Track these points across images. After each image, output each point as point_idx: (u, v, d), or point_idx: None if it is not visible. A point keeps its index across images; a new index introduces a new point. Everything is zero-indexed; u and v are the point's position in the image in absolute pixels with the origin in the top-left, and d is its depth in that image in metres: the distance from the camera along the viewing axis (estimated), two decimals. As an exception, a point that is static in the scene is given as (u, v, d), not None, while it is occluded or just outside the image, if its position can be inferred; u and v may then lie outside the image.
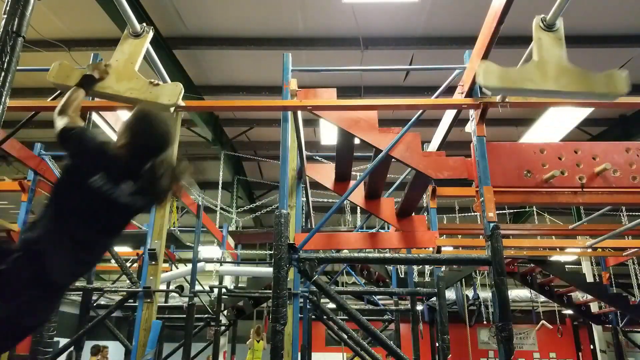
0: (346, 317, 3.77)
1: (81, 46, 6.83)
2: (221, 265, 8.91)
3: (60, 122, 1.96)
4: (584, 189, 3.17)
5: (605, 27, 6.67)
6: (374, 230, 5.77)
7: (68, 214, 1.80)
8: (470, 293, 11.31)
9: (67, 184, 1.87)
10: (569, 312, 13.29)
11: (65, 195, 1.84)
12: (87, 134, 1.91)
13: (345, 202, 6.83)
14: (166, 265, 8.99)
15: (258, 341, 9.85)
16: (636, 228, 5.26)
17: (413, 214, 4.21)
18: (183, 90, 2.48)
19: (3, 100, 1.56)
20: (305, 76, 7.82)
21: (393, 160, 3.50)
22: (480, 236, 6.34)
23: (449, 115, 3.66)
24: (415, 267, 8.32)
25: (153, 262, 4.10)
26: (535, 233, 6.93)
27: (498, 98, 3.08)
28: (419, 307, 7.85)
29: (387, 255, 3.54)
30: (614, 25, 6.65)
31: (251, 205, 11.54)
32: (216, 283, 8.66)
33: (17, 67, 1.67)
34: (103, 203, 1.80)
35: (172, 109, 2.48)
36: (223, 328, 9.50)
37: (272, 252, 3.55)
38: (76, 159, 1.86)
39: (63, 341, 6.06)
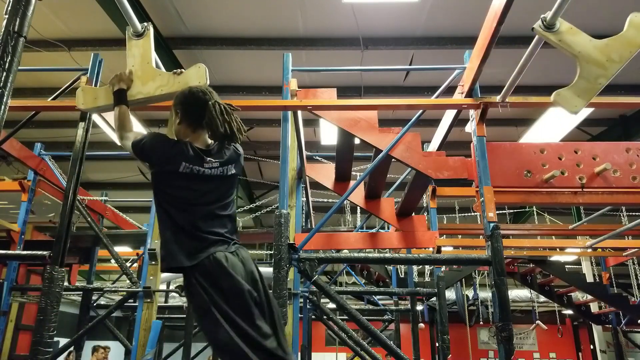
0: (346, 317, 3.77)
1: (81, 46, 6.82)
2: (221, 265, 8.91)
3: (127, 143, 2.16)
4: (584, 189, 3.17)
5: (605, 27, 6.67)
6: (374, 230, 5.77)
7: (183, 207, 1.99)
8: (470, 293, 11.31)
9: (165, 187, 2.02)
10: (569, 312, 13.29)
11: (170, 195, 2.01)
12: (152, 140, 2.07)
13: (345, 202, 6.83)
14: (166, 265, 8.97)
15: None
16: (636, 228, 5.26)
17: (413, 214, 4.21)
18: (207, 68, 2.51)
19: (4, 100, 1.56)
20: (305, 76, 7.83)
21: (393, 160, 3.51)
22: (480, 236, 6.34)
23: (449, 115, 3.67)
24: (415, 267, 8.32)
25: (153, 262, 4.11)
26: (535, 233, 6.93)
27: (498, 98, 3.08)
28: (419, 307, 7.85)
29: (387, 255, 3.54)
30: (614, 25, 6.64)
31: (251, 205, 11.54)
32: (216, 283, 8.65)
33: (18, 67, 1.67)
34: (202, 182, 2.00)
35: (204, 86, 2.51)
36: (223, 328, 9.49)
37: (272, 252, 3.55)
38: (157, 165, 2.03)
39: (63, 341, 6.06)
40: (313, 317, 6.62)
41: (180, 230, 1.96)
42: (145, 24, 2.73)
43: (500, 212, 10.27)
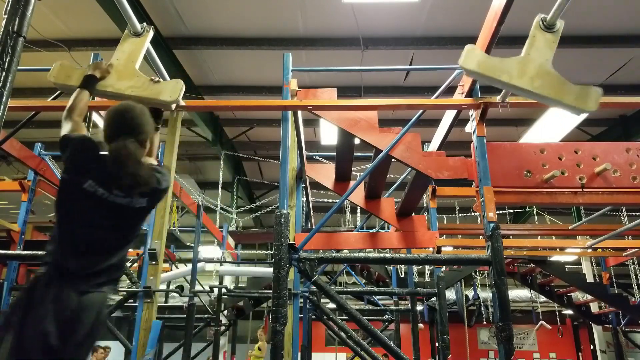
0: (346, 317, 3.77)
1: (81, 46, 6.83)
2: (221, 265, 8.91)
3: (65, 127, 2.02)
4: (584, 189, 3.17)
5: (605, 27, 6.68)
6: (374, 230, 5.76)
7: (73, 221, 1.87)
8: (470, 293, 11.31)
9: (66, 195, 1.92)
10: (569, 312, 13.29)
11: (66, 202, 1.90)
12: (79, 142, 1.93)
13: (345, 202, 6.83)
14: (166, 265, 8.99)
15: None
16: (636, 228, 5.26)
17: (413, 214, 4.21)
18: (184, 87, 2.48)
19: (4, 100, 1.56)
20: (305, 76, 7.83)
21: (393, 160, 3.50)
22: (480, 236, 6.34)
23: (449, 116, 3.66)
24: (415, 267, 8.32)
25: (153, 262, 4.10)
26: (535, 233, 6.93)
27: (498, 98, 3.08)
28: (419, 307, 7.85)
29: (387, 255, 3.53)
30: (614, 25, 6.65)
31: (251, 205, 11.54)
32: (216, 283, 8.66)
33: (18, 67, 1.67)
34: (102, 206, 1.86)
35: (173, 106, 2.46)
36: (223, 328, 9.50)
37: (272, 252, 3.55)
38: (67, 169, 1.91)
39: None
40: (313, 317, 6.62)
41: (60, 241, 1.85)
42: (146, 25, 2.73)
43: (500, 212, 10.27)
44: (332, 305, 10.15)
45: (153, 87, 2.46)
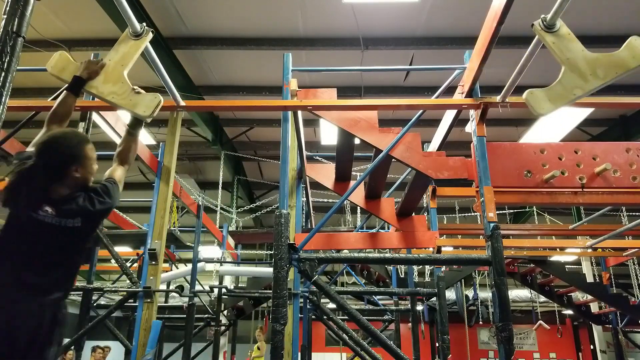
0: (346, 317, 3.77)
1: (81, 46, 6.83)
2: (221, 265, 8.91)
3: (39, 134, 2.07)
4: (584, 189, 3.17)
5: (605, 27, 6.68)
6: (374, 230, 5.77)
7: (5, 232, 1.90)
8: (470, 293, 11.30)
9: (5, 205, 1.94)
10: (569, 312, 13.29)
11: (8, 216, 1.92)
12: (34, 161, 1.94)
13: (345, 202, 6.83)
14: (166, 265, 8.98)
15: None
16: (636, 228, 5.26)
17: (413, 214, 4.21)
18: (161, 103, 2.44)
19: (3, 100, 1.56)
20: (305, 76, 7.83)
21: (393, 160, 3.50)
22: (480, 236, 6.34)
23: (449, 116, 3.66)
24: (415, 267, 8.32)
25: (153, 262, 4.11)
26: (535, 233, 6.93)
27: (498, 98, 3.08)
28: (419, 307, 7.85)
29: (387, 255, 3.53)
30: (614, 25, 6.65)
31: (251, 205, 11.54)
32: (216, 283, 8.66)
33: (17, 67, 1.67)
34: (30, 224, 1.88)
35: (148, 120, 2.43)
36: (223, 328, 9.50)
37: (272, 252, 3.55)
38: (8, 190, 1.92)
39: (63, 341, 6.04)
40: (313, 317, 6.62)
41: None
42: (145, 25, 2.70)
43: (500, 212, 10.28)
44: (332, 305, 10.16)
45: (132, 98, 2.43)
